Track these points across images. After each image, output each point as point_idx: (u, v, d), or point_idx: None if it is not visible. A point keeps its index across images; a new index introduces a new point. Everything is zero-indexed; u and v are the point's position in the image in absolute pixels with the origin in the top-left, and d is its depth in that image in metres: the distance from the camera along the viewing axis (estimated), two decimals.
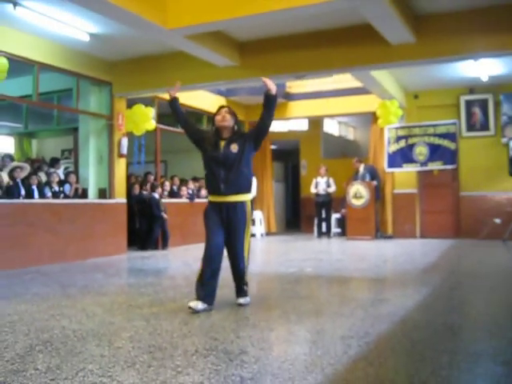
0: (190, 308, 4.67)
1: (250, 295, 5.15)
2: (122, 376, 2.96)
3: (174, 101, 5.28)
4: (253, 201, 5.20)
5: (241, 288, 5.12)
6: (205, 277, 4.79)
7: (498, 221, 11.92)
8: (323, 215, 13.68)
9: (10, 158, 10.25)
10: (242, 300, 5.06)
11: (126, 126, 10.40)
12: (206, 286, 4.78)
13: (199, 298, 4.74)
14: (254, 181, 10.72)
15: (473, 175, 12.38)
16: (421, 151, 12.64)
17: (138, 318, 4.45)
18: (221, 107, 5.22)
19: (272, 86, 5.06)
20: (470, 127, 12.48)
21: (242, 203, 4.94)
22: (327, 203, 13.52)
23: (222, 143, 4.96)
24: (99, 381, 2.89)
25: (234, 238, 4.93)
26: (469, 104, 12.45)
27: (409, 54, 8.07)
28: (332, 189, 13.48)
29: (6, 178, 8.44)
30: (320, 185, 13.55)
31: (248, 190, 5.01)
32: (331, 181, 13.53)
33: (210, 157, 4.96)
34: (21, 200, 8.41)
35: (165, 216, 10.97)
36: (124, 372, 3.03)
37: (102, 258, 9.31)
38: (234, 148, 4.90)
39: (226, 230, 4.91)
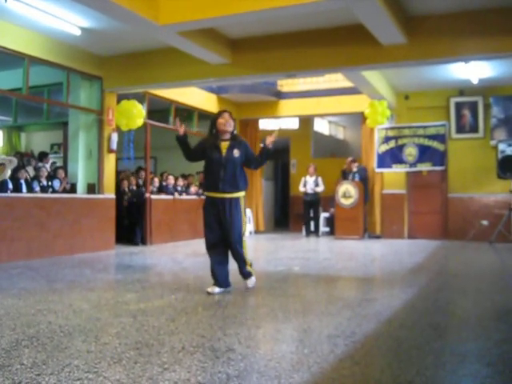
0: (207, 292, 5.39)
1: (254, 275, 5.82)
2: (109, 372, 2.96)
3: (182, 138, 5.71)
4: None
5: (243, 271, 5.69)
6: (213, 266, 5.50)
7: (485, 223, 12.00)
8: (311, 214, 13.70)
9: None
10: (248, 283, 5.72)
11: (118, 121, 10.34)
12: (216, 273, 5.49)
13: (215, 283, 5.49)
14: None
15: (461, 177, 12.46)
16: (410, 152, 12.69)
17: (125, 314, 4.44)
18: (223, 111, 5.67)
19: (271, 143, 5.64)
20: (460, 129, 12.55)
21: (238, 198, 5.51)
22: (315, 202, 13.54)
23: (223, 145, 5.48)
24: (85, 376, 2.88)
25: (231, 225, 5.42)
26: (459, 106, 12.52)
27: (400, 55, 8.10)
28: (320, 188, 13.49)
29: None
30: (308, 184, 13.57)
31: (243, 189, 5.58)
32: (320, 180, 13.55)
33: (211, 159, 5.47)
34: (8, 194, 8.36)
35: None
36: (110, 368, 3.03)
37: (90, 253, 9.27)
38: (237, 153, 5.47)
39: (223, 221, 5.42)
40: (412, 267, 7.83)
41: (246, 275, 5.73)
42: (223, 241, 5.50)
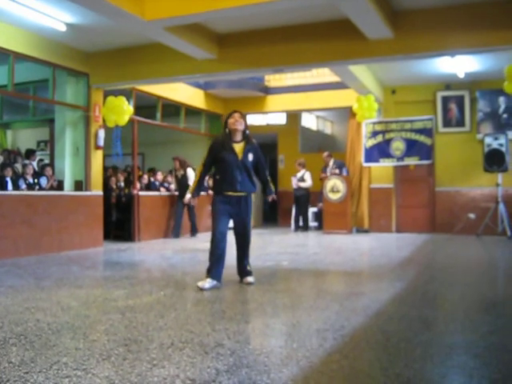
0: (197, 287, 5.43)
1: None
2: (97, 369, 2.95)
3: (195, 195, 6.02)
4: None
5: (246, 269, 5.92)
6: (212, 259, 5.62)
7: (472, 216, 12.09)
8: (301, 209, 13.72)
9: None
10: (250, 278, 5.85)
11: (107, 117, 10.28)
12: (214, 264, 5.60)
13: (208, 275, 5.57)
14: None
15: (448, 170, 12.53)
16: (398, 146, 12.73)
17: (113, 311, 4.43)
18: (234, 111, 5.83)
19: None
20: (446, 123, 12.62)
21: (250, 196, 5.82)
22: (302, 197, 13.56)
23: (238, 147, 5.66)
24: (74, 374, 2.87)
25: (245, 220, 5.78)
26: (445, 100, 12.58)
27: (386, 49, 8.11)
28: (306, 183, 13.53)
29: None
30: (296, 179, 13.62)
31: (255, 189, 5.90)
32: (307, 175, 13.57)
33: (226, 160, 5.62)
34: None
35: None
36: (99, 365, 3.02)
37: (77, 250, 9.23)
38: (251, 157, 5.74)
39: (236, 216, 5.76)
40: (400, 261, 7.87)
41: (249, 273, 5.92)
42: (226, 236, 5.75)
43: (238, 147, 5.67)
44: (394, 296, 5.14)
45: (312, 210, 14.09)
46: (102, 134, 10.17)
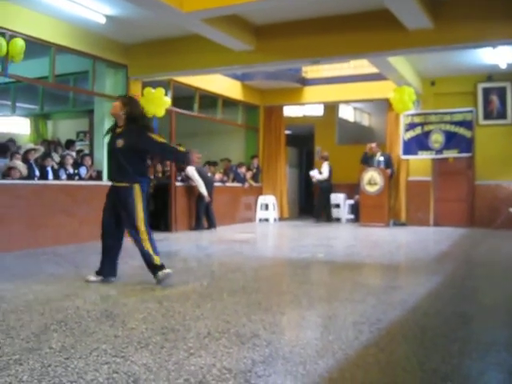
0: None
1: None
2: (135, 356, 3.00)
3: None
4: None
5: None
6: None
7: None
8: (322, 201, 13.99)
9: (14, 142, 10.29)
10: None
11: (146, 108, 10.34)
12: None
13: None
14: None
15: (488, 164, 12.26)
16: (436, 139, 12.54)
17: (151, 300, 4.49)
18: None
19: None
20: (487, 115, 12.35)
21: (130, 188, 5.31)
22: (323, 189, 13.80)
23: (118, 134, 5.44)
24: (113, 360, 2.93)
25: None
26: (486, 92, 12.31)
27: (426, 40, 7.99)
28: (321, 176, 13.77)
29: (21, 164, 8.45)
30: (316, 172, 14.00)
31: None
32: (323, 167, 13.81)
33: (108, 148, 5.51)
34: (36, 181, 8.48)
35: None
36: (137, 352, 3.07)
37: None
38: (120, 143, 5.32)
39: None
40: (437, 255, 7.77)
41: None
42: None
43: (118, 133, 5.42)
44: (431, 290, 5.08)
45: (348, 202, 14.03)
46: None
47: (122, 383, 2.60)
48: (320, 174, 13.77)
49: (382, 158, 12.57)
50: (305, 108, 15.90)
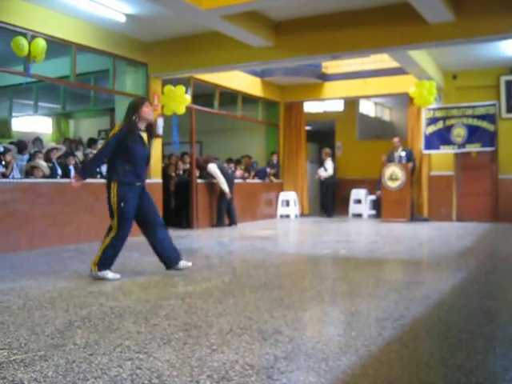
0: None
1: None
2: (159, 352, 3.02)
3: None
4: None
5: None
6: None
7: None
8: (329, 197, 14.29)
9: (41, 141, 10.41)
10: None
11: (167, 106, 10.40)
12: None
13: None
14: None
15: None
16: (459, 133, 12.41)
17: (173, 297, 4.51)
18: (145, 99, 5.97)
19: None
20: (510, 108, 12.18)
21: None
22: (329, 185, 14.09)
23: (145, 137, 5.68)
24: (136, 357, 2.95)
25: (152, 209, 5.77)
26: (509, 84, 12.13)
27: (447, 34, 7.90)
28: (326, 173, 13.99)
29: (44, 164, 8.55)
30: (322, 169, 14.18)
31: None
32: (327, 164, 13.98)
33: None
34: (58, 180, 8.57)
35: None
36: (160, 349, 3.09)
37: (137, 237, 9.40)
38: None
39: (141, 206, 5.64)
40: (461, 250, 7.70)
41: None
42: None
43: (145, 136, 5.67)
44: (455, 286, 5.03)
45: (370, 197, 13.97)
46: (160, 122, 10.33)
47: (145, 379, 2.62)
48: (325, 170, 13.83)
49: (403, 153, 12.47)
50: (325, 104, 15.84)
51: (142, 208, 5.57)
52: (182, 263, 5.77)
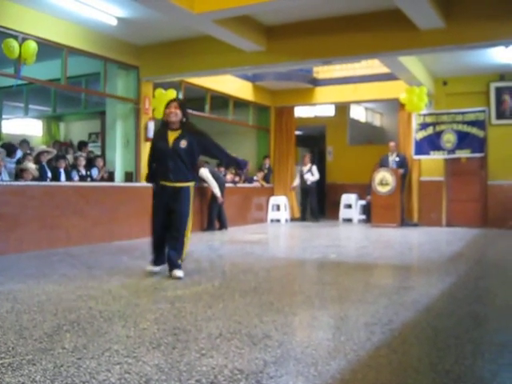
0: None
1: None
2: (147, 357, 3.01)
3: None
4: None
5: (177, 262, 5.70)
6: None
7: None
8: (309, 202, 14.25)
9: (28, 143, 10.35)
10: (178, 272, 5.61)
11: (158, 109, 10.39)
12: (156, 251, 5.93)
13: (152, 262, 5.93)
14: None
15: (502, 164, 12.18)
16: (449, 139, 12.48)
17: (162, 301, 4.50)
18: (171, 101, 5.83)
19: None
20: (500, 115, 12.27)
21: (186, 187, 5.69)
22: (311, 189, 14.06)
23: (171, 135, 5.65)
24: (124, 361, 2.94)
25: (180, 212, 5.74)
26: (499, 91, 12.23)
27: (438, 40, 7.95)
28: (314, 177, 13.98)
29: (32, 167, 8.50)
30: (304, 173, 14.12)
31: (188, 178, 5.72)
32: (314, 169, 14.00)
33: (160, 149, 5.66)
34: (48, 183, 8.53)
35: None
36: (149, 353, 3.08)
37: (127, 240, 9.40)
38: (184, 144, 5.60)
39: (171, 208, 5.74)
40: (450, 255, 7.73)
41: (176, 266, 5.65)
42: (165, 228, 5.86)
43: (172, 135, 5.66)
44: (444, 291, 5.05)
45: (360, 202, 14.00)
46: (151, 126, 10.32)
47: (133, 383, 2.61)
48: (312, 175, 13.94)
49: (397, 159, 12.53)
50: (316, 108, 15.89)
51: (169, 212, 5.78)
52: (173, 273, 5.65)
